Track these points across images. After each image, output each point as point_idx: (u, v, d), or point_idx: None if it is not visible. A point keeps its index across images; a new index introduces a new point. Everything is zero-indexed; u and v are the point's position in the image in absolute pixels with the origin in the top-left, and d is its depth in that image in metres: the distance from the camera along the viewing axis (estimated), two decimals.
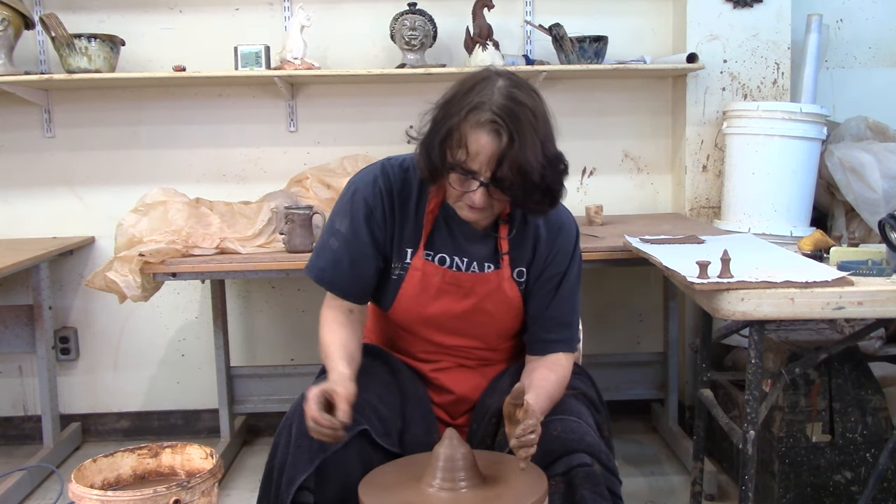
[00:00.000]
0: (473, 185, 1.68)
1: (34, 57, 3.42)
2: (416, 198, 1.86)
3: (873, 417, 2.54)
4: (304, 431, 1.67)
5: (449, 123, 1.67)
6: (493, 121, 1.62)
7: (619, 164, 3.61)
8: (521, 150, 1.62)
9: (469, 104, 1.65)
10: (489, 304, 1.88)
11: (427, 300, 1.87)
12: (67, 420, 3.56)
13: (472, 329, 1.91)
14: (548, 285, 1.89)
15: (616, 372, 3.57)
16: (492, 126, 1.62)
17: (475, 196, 1.69)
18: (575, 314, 1.94)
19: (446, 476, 1.53)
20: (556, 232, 1.90)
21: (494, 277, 1.87)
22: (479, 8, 3.30)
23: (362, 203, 1.84)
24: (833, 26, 3.57)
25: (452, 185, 1.71)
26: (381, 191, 1.84)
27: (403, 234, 1.86)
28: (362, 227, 1.84)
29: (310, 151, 3.53)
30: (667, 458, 3.28)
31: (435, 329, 1.91)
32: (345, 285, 1.87)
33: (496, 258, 1.88)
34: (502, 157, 1.63)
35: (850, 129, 3.35)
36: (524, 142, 1.63)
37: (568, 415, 1.75)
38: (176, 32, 3.45)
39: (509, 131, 1.62)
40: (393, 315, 1.92)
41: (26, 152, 3.49)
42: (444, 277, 1.86)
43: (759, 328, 2.03)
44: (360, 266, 1.86)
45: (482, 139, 1.63)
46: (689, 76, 3.39)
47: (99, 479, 1.89)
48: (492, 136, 1.63)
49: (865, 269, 2.06)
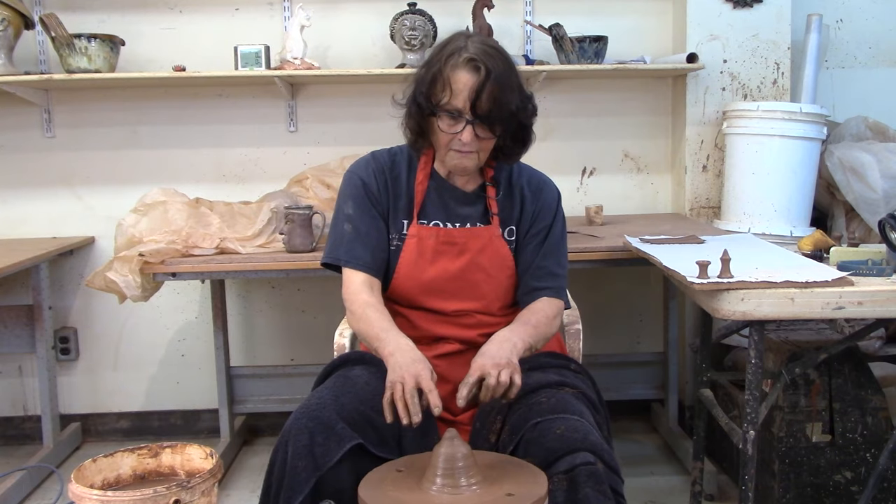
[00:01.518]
0: (460, 125, 1.86)
1: (34, 57, 3.42)
2: (406, 174, 2.03)
3: (873, 417, 2.54)
4: (299, 451, 1.71)
5: (432, 71, 1.87)
6: (471, 59, 1.83)
7: (619, 164, 3.61)
8: (497, 82, 1.83)
9: (447, 52, 1.86)
10: (483, 259, 2.00)
11: (424, 265, 1.98)
12: (67, 420, 3.56)
13: (470, 289, 1.99)
14: (534, 240, 2.04)
15: (616, 372, 3.57)
16: (471, 64, 1.83)
17: (463, 135, 1.86)
18: (562, 267, 2.07)
19: (447, 476, 1.53)
20: (538, 191, 2.07)
21: (485, 232, 2.01)
22: (479, 8, 3.30)
23: (359, 181, 2.02)
24: (833, 26, 3.57)
25: (441, 129, 1.88)
26: (373, 170, 2.04)
27: (398, 206, 2.01)
28: (364, 201, 2.00)
29: (310, 151, 3.53)
30: (667, 458, 3.28)
31: (435, 295, 1.99)
32: (365, 257, 1.98)
33: (486, 218, 2.03)
34: (481, 88, 1.82)
35: (849, 129, 3.35)
36: (500, 75, 1.84)
37: (570, 414, 1.76)
38: (176, 32, 3.45)
39: (486, 67, 1.82)
40: (395, 287, 2.00)
41: (26, 152, 3.49)
42: (438, 237, 1.99)
43: (759, 328, 2.04)
44: (372, 237, 1.99)
45: (463, 76, 1.83)
46: (689, 76, 3.39)
47: (99, 479, 1.89)
48: (472, 73, 1.83)
49: (865, 269, 2.06)
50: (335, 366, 2.00)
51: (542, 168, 2.15)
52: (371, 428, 1.79)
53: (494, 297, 2.02)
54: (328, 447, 1.71)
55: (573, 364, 2.00)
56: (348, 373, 1.93)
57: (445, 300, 1.99)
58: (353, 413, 1.78)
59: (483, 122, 1.86)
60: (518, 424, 1.77)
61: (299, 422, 1.74)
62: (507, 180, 2.05)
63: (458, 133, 1.87)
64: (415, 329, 2.00)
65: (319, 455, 1.70)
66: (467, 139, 1.87)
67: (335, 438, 1.71)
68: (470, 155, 1.91)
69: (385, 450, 1.80)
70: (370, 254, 1.98)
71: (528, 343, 1.89)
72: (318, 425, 1.73)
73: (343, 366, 1.98)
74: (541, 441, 1.69)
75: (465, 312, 2.00)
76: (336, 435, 1.72)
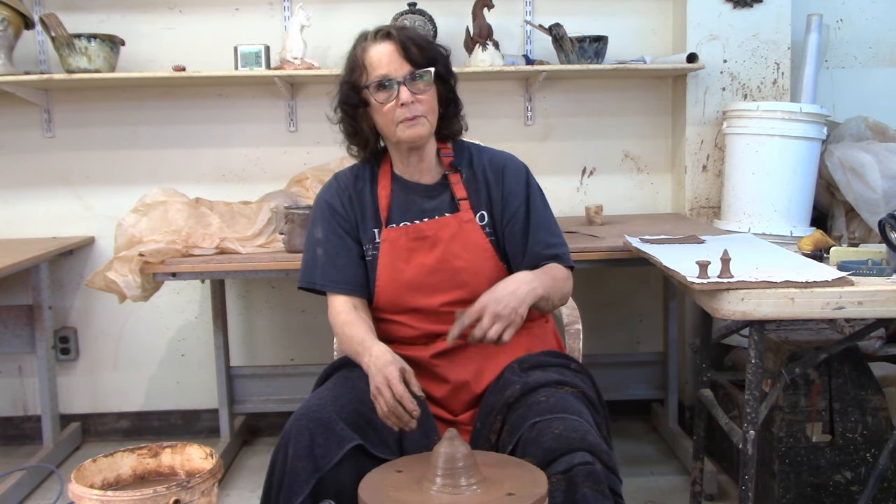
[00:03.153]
0: (394, 91, 1.89)
1: (34, 57, 3.42)
2: (370, 185, 2.05)
3: (873, 417, 2.54)
4: (299, 453, 1.71)
5: (350, 66, 1.94)
6: (378, 31, 1.92)
7: (618, 164, 3.61)
8: (406, 33, 1.93)
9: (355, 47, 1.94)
10: (457, 246, 1.98)
11: (401, 265, 1.98)
12: (67, 420, 3.56)
13: (451, 279, 1.97)
14: (517, 223, 2.02)
15: (616, 372, 3.57)
16: (378, 35, 1.91)
17: (402, 95, 1.88)
18: (556, 235, 2.06)
19: (447, 476, 1.53)
20: (499, 171, 2.05)
21: (453, 220, 2.00)
22: (479, 8, 3.30)
23: (324, 204, 2.05)
24: (833, 26, 3.57)
25: (380, 103, 1.90)
26: (335, 190, 2.06)
27: (366, 218, 2.03)
28: (331, 223, 2.02)
29: (310, 151, 3.53)
30: (667, 458, 3.28)
31: (419, 293, 1.97)
32: (339, 277, 1.99)
33: (453, 206, 2.02)
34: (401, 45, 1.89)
35: (849, 129, 3.35)
36: (405, 28, 1.98)
37: (569, 413, 1.76)
38: (176, 32, 3.45)
39: (390, 29, 1.92)
40: (379, 296, 1.99)
41: (26, 152, 3.49)
42: (408, 235, 1.99)
43: (759, 328, 2.04)
44: (345, 257, 2.00)
45: (376, 48, 1.90)
46: (689, 76, 3.39)
47: (99, 479, 1.89)
48: (382, 41, 1.90)
49: (865, 269, 2.06)
50: (335, 367, 2.00)
51: (542, 168, 2.16)
52: (371, 429, 1.79)
53: (477, 282, 1.98)
54: (328, 448, 1.71)
55: (573, 363, 2.00)
56: (349, 374, 1.93)
57: (430, 295, 1.97)
58: (352, 414, 1.78)
59: (413, 78, 1.90)
60: (517, 424, 1.77)
61: (299, 423, 1.75)
62: (468, 165, 2.05)
63: (396, 98, 1.88)
64: (411, 330, 1.99)
65: (320, 456, 1.70)
66: (406, 97, 1.88)
67: (335, 439, 1.72)
68: (419, 120, 1.91)
69: (385, 450, 1.80)
70: (344, 273, 1.99)
71: (548, 292, 1.89)
72: (318, 426, 1.73)
73: (343, 367, 1.98)
74: (539, 441, 1.69)
75: (453, 303, 1.96)
76: (336, 436, 1.72)
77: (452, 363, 1.96)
